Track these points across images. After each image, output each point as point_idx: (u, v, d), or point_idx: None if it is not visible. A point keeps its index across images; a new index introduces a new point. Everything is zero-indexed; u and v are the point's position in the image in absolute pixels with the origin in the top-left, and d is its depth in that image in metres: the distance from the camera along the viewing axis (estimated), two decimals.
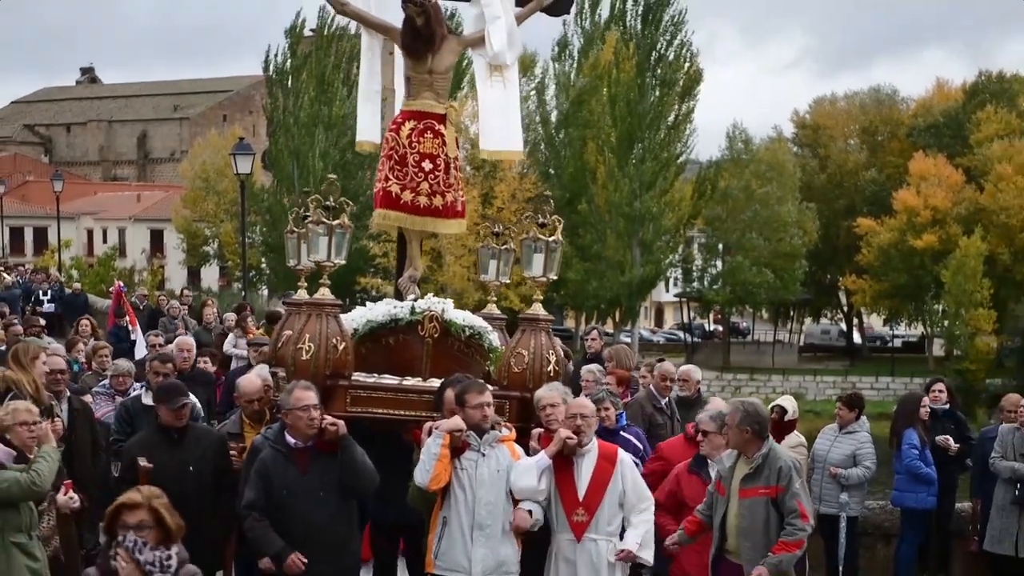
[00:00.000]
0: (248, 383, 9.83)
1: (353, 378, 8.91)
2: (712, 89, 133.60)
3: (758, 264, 63.54)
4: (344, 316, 9.19)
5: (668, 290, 77.09)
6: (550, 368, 9.21)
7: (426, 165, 9.62)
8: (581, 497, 8.15)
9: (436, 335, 9.22)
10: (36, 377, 9.82)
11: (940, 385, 13.30)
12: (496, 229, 10.52)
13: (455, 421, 7.93)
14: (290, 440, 7.99)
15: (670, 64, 58.25)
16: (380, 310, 9.32)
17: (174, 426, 9.17)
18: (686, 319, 78.33)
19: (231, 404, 11.31)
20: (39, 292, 30.81)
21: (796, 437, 12.35)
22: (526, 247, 9.46)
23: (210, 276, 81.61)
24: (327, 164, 58.35)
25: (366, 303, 9.91)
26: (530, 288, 9.72)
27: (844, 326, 77.86)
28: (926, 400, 12.67)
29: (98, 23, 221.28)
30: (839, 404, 12.84)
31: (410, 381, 9.12)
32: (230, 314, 19.40)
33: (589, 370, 11.87)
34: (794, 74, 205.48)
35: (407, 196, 9.62)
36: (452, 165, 9.79)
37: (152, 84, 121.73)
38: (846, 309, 75.75)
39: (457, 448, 7.92)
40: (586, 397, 9.17)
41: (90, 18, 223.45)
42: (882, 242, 62.33)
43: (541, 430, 8.50)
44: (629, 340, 56.24)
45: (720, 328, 77.46)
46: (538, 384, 8.96)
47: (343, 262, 8.90)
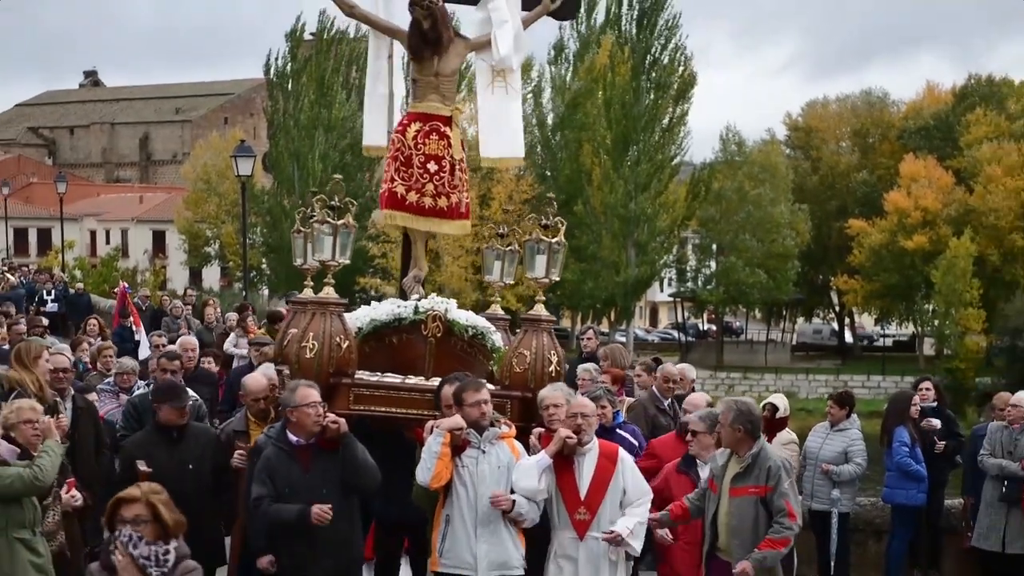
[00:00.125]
0: (254, 381, 9.82)
1: (356, 376, 8.87)
2: (706, 92, 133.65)
3: (751, 264, 63.56)
4: (349, 315, 9.15)
5: (662, 290, 77.04)
6: (551, 368, 9.18)
7: (431, 166, 9.58)
8: (583, 496, 8.11)
9: (439, 335, 9.19)
10: (39, 376, 9.81)
11: (927, 383, 13.35)
12: (501, 230, 10.49)
13: (455, 419, 7.91)
14: (292, 438, 7.98)
15: (664, 68, 58.29)
16: (384, 309, 9.28)
17: (175, 425, 9.17)
18: (680, 319, 78.28)
19: (233, 403, 11.31)
20: (43, 292, 30.75)
21: (788, 434, 12.37)
22: (529, 248, 9.44)
23: (211, 276, 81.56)
24: (327, 166, 58.38)
25: (370, 302, 9.88)
26: (527, 288, 9.70)
27: (836, 326, 77.86)
28: (916, 399, 12.69)
29: (101, 27, 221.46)
30: (830, 402, 12.87)
31: (413, 380, 9.09)
32: (231, 314, 19.40)
33: (585, 369, 11.88)
34: (787, 77, 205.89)
35: (412, 197, 9.58)
36: (457, 167, 9.74)
37: (154, 87, 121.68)
38: (838, 309, 75.70)
39: (458, 446, 7.90)
40: (583, 396, 9.17)
41: (93, 22, 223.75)
42: (873, 243, 62.32)
43: (541, 430, 8.47)
44: (624, 339, 56.24)
45: (714, 327, 77.39)
46: (540, 384, 8.93)
47: (347, 261, 8.87)
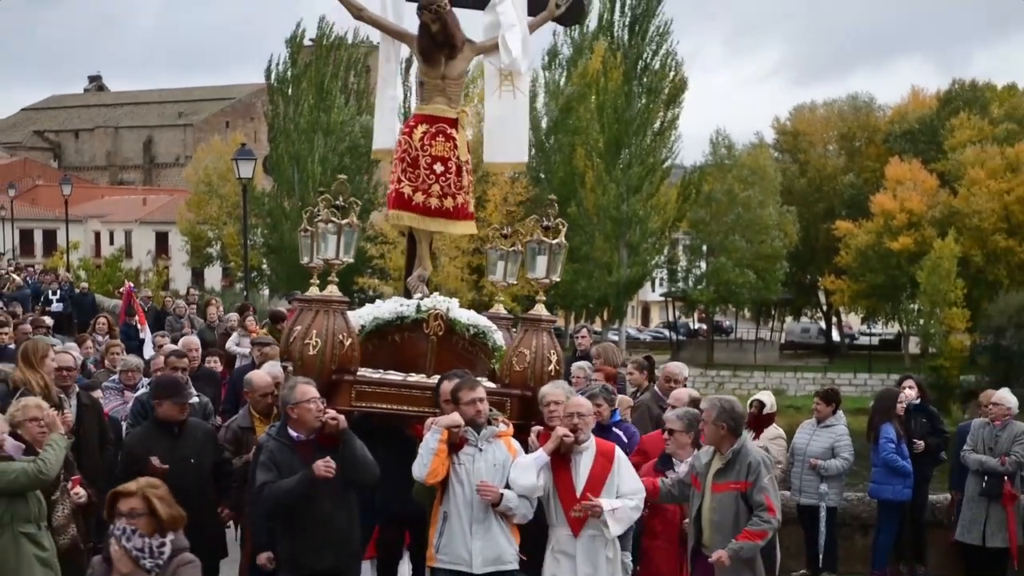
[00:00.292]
0: (259, 378, 9.87)
1: (359, 373, 8.83)
2: (696, 97, 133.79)
3: (740, 265, 63.66)
4: (352, 313, 9.13)
5: (654, 290, 77.07)
6: (551, 368, 9.14)
7: (437, 168, 9.53)
8: (579, 493, 8.06)
9: (440, 333, 9.16)
10: (45, 375, 9.80)
11: (911, 381, 13.37)
12: (505, 231, 10.47)
13: (453, 417, 7.89)
14: (293, 434, 7.97)
15: (656, 73, 58.32)
16: (387, 307, 9.26)
17: (175, 420, 9.17)
18: (671, 318, 78.40)
19: (236, 402, 11.30)
20: (48, 292, 30.63)
21: (775, 430, 12.42)
22: (530, 249, 9.40)
23: (213, 277, 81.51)
24: (326, 169, 58.46)
25: (368, 302, 9.85)
26: (522, 288, 9.67)
27: (823, 325, 77.93)
28: (902, 396, 12.71)
29: (105, 34, 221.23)
30: (816, 399, 12.90)
31: (414, 377, 9.06)
32: (232, 314, 19.37)
33: (579, 367, 11.89)
34: (775, 83, 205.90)
35: (418, 198, 9.52)
36: (463, 168, 9.69)
37: (157, 92, 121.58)
38: (825, 308, 75.75)
39: (456, 444, 7.88)
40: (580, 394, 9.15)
41: (98, 29, 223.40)
42: (860, 244, 62.41)
43: (540, 428, 8.46)
44: (616, 338, 56.38)
45: (704, 326, 77.52)
46: (539, 383, 8.91)
47: (351, 260, 8.85)
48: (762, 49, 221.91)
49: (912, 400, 12.81)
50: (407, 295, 9.63)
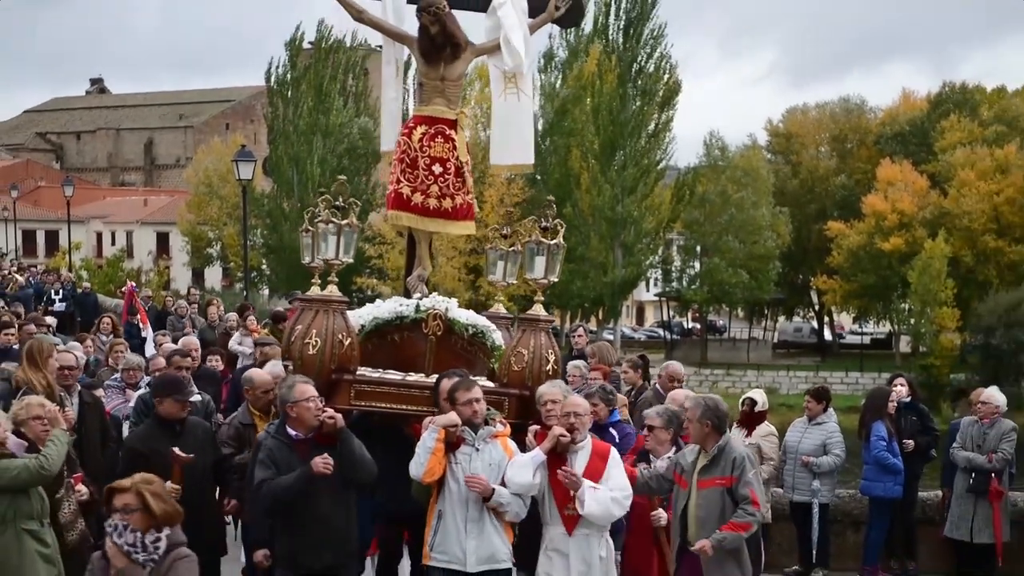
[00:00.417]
0: (259, 375, 9.90)
1: (358, 373, 8.80)
2: (690, 99, 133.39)
3: (734, 265, 63.64)
4: (352, 312, 9.10)
5: (648, 290, 77.04)
6: (549, 367, 9.10)
7: (436, 168, 9.47)
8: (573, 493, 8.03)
9: (439, 333, 9.12)
10: (48, 374, 9.79)
11: (901, 379, 13.40)
12: (504, 231, 10.45)
13: (450, 416, 7.87)
14: (292, 432, 7.94)
15: (650, 76, 58.30)
16: (387, 307, 9.22)
17: (177, 418, 9.16)
18: (666, 317, 78.44)
19: (239, 401, 11.29)
20: (51, 292, 30.65)
21: (767, 427, 12.47)
22: (529, 250, 9.38)
23: (213, 277, 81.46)
24: (324, 170, 58.39)
25: (367, 302, 9.82)
26: (518, 288, 9.65)
27: (816, 324, 77.95)
28: (893, 395, 12.73)
29: (107, 37, 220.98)
30: (807, 397, 12.94)
31: (413, 377, 9.03)
32: (231, 313, 19.37)
33: (575, 366, 11.89)
34: (768, 85, 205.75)
35: (417, 198, 9.48)
36: (462, 169, 9.65)
37: (158, 94, 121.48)
38: (817, 308, 75.80)
39: (453, 443, 7.87)
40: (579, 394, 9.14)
41: (99, 32, 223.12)
42: (851, 244, 62.44)
43: (537, 427, 8.43)
44: (611, 337, 56.31)
45: (698, 326, 77.48)
46: (537, 382, 8.87)
47: (351, 260, 8.82)
48: (755, 52, 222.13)
49: (903, 398, 12.83)
50: (407, 295, 9.60)
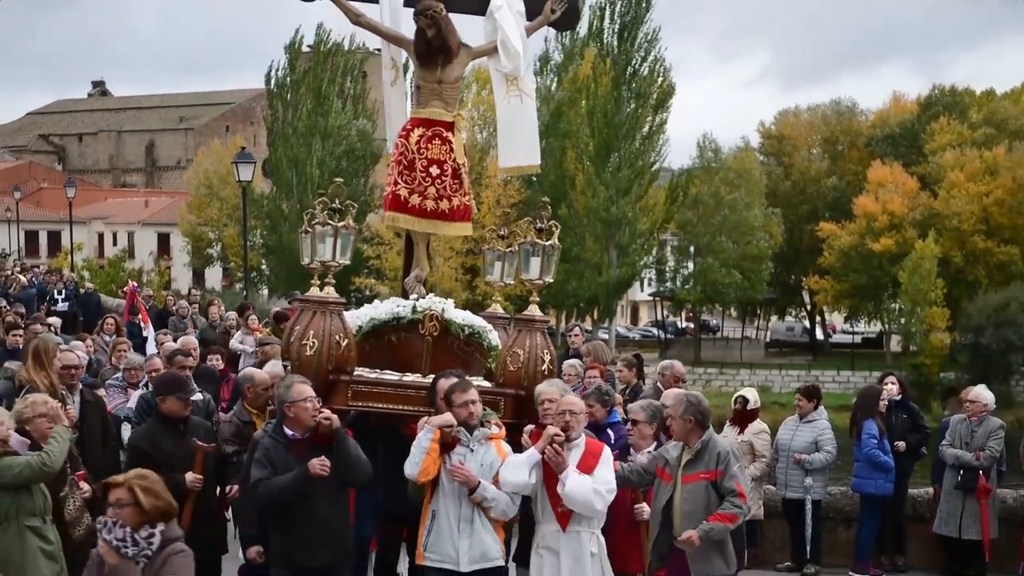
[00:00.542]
0: (259, 374, 9.98)
1: (355, 373, 8.77)
2: (684, 102, 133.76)
3: (727, 265, 63.67)
4: (350, 313, 9.07)
5: (643, 289, 77.05)
6: (544, 367, 9.07)
7: (433, 170, 9.43)
8: None
9: (436, 333, 9.08)
10: (52, 374, 9.79)
11: (891, 378, 13.41)
12: (502, 232, 10.45)
13: (446, 417, 7.84)
14: (288, 432, 7.92)
15: (644, 79, 58.31)
16: (384, 308, 9.20)
17: (179, 416, 9.16)
18: (660, 317, 78.47)
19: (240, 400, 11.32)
20: (54, 292, 30.58)
21: (759, 424, 12.54)
22: (524, 251, 9.35)
23: (213, 277, 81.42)
24: (323, 172, 58.36)
25: (365, 302, 9.80)
26: (515, 288, 9.62)
27: (807, 323, 77.99)
28: (885, 393, 12.75)
29: (109, 40, 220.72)
30: (798, 395, 12.99)
31: (410, 377, 8.98)
32: (231, 313, 19.38)
33: (571, 365, 11.92)
34: (760, 88, 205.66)
35: (415, 200, 9.43)
36: (459, 171, 9.60)
37: (159, 97, 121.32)
38: (809, 307, 75.81)
39: (448, 443, 7.84)
40: (577, 393, 9.11)
41: (101, 35, 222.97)
42: (843, 245, 62.48)
43: (532, 426, 8.40)
44: (606, 337, 56.33)
45: (691, 325, 77.51)
46: (533, 382, 8.85)
47: (348, 262, 8.80)
48: (748, 56, 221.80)
49: (894, 397, 12.86)
50: (404, 296, 9.57)
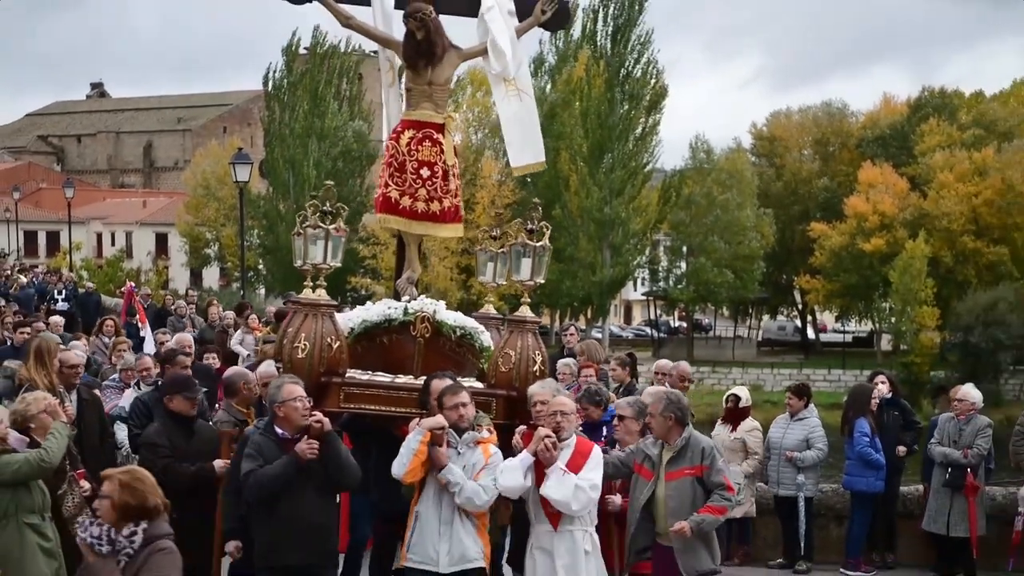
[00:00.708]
0: (258, 372, 9.97)
1: (347, 375, 8.70)
2: (676, 103, 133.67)
3: (719, 265, 63.69)
4: (342, 316, 9.03)
5: (636, 289, 77.10)
6: (536, 368, 9.02)
7: (424, 172, 9.38)
8: None
9: (427, 335, 9.03)
10: (52, 372, 9.78)
11: (881, 376, 13.44)
12: (494, 233, 10.41)
13: (437, 419, 7.77)
14: (279, 431, 7.88)
15: (637, 80, 58.31)
16: (376, 310, 9.14)
17: (187, 415, 9.16)
18: (653, 316, 78.48)
19: None
20: (53, 292, 30.49)
21: (751, 422, 12.56)
22: (515, 252, 9.29)
23: (211, 277, 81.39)
24: (320, 172, 58.42)
25: (360, 302, 9.80)
26: (507, 288, 9.61)
27: (799, 323, 78.04)
28: (876, 392, 12.76)
29: (107, 41, 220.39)
30: (789, 394, 13.02)
31: (402, 379, 8.93)
32: (229, 312, 19.36)
33: (565, 364, 11.93)
34: (752, 90, 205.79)
35: (406, 201, 9.38)
36: (450, 172, 9.55)
37: (157, 98, 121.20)
38: (800, 307, 75.84)
39: (438, 445, 7.75)
40: (575, 393, 9.09)
41: (100, 36, 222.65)
42: (834, 245, 62.50)
43: (524, 427, 8.37)
44: (600, 336, 56.34)
45: (684, 324, 77.54)
46: (524, 383, 8.81)
47: (339, 264, 8.75)
48: (740, 58, 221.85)
49: (884, 395, 12.87)
50: (396, 297, 9.53)
